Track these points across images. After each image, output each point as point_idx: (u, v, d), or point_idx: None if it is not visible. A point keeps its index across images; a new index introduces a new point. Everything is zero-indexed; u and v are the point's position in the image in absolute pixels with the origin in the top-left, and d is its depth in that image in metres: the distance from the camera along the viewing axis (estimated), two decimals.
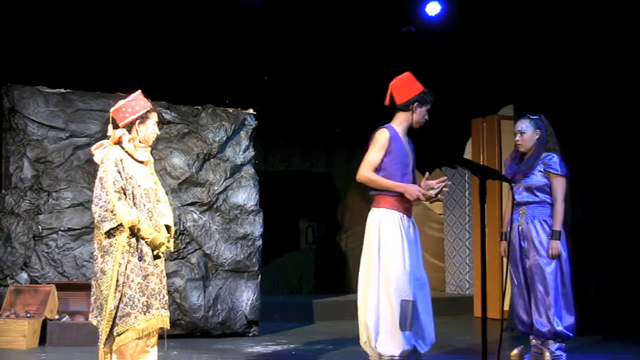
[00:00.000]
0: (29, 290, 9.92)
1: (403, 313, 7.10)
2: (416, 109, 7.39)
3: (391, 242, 7.23)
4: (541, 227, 8.21)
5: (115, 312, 6.31)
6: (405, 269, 7.14)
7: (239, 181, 10.99)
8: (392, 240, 7.23)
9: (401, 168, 7.33)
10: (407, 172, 7.37)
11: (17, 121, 10.26)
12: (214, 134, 10.86)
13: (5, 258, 10.06)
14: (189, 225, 10.56)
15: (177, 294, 10.32)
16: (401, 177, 7.29)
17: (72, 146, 10.38)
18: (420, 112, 7.42)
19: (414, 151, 7.49)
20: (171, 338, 9.69)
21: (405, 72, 7.51)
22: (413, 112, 7.39)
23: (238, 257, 10.76)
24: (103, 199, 6.31)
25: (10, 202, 10.16)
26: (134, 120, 6.60)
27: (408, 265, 7.17)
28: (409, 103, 7.38)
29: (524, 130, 8.34)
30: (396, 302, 7.10)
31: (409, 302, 7.12)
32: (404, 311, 7.10)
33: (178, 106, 10.88)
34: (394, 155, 7.32)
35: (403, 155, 7.36)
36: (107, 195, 6.30)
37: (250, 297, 10.75)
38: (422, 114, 7.44)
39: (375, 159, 7.33)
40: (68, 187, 10.29)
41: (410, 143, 7.49)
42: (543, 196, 8.25)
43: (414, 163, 7.48)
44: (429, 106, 7.46)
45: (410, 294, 7.12)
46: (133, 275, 6.35)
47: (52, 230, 10.16)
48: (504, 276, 12.04)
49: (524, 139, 8.34)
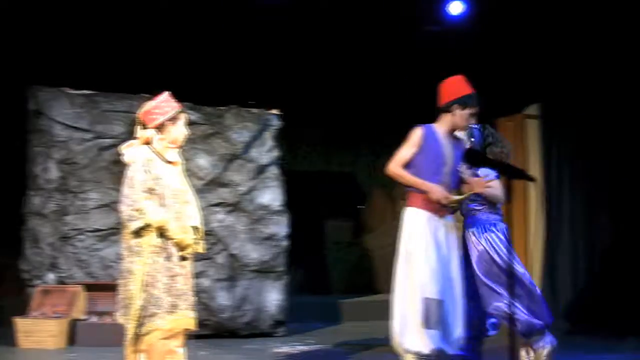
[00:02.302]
0: (57, 290, 9.97)
1: (426, 311, 7.09)
2: (456, 112, 7.33)
3: (416, 241, 7.22)
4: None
5: (141, 312, 6.32)
6: (431, 269, 7.12)
7: (264, 181, 10.99)
8: (417, 239, 7.23)
9: (433, 167, 7.29)
10: (439, 173, 7.30)
11: (42, 123, 10.31)
12: (238, 135, 10.87)
13: (33, 259, 10.11)
14: (214, 226, 10.56)
15: (204, 294, 10.32)
16: (431, 176, 7.25)
17: (98, 147, 10.42)
18: (461, 115, 7.31)
19: (461, 155, 7.37)
20: (199, 338, 9.72)
21: (458, 75, 7.48)
22: (453, 114, 7.34)
23: (264, 258, 10.76)
24: (131, 199, 6.31)
25: (37, 204, 10.21)
26: (165, 121, 6.61)
27: (435, 265, 7.14)
28: (449, 105, 7.35)
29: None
30: (420, 300, 7.10)
31: (433, 301, 7.09)
32: (428, 310, 7.09)
33: (202, 107, 10.89)
34: (426, 154, 7.30)
35: (437, 155, 7.31)
36: (136, 195, 6.30)
37: (277, 297, 10.75)
38: (463, 117, 7.33)
39: (405, 154, 7.32)
40: (94, 188, 10.34)
41: (458, 147, 7.40)
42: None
43: (454, 166, 7.39)
44: (473, 110, 7.37)
45: (435, 293, 7.10)
46: (160, 275, 6.34)
47: (79, 231, 10.20)
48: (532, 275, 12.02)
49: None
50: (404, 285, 7.25)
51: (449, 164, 7.32)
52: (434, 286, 7.08)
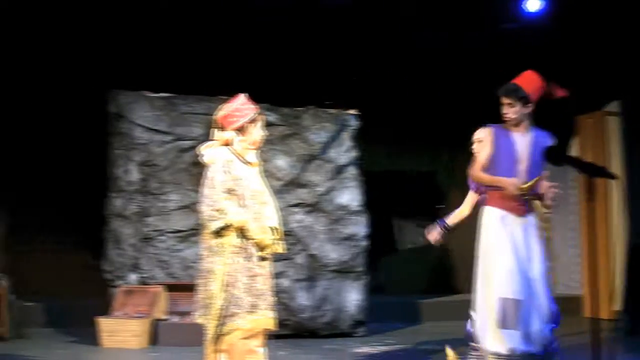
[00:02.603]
0: (139, 291, 10.09)
1: (502, 311, 7.05)
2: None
3: (490, 240, 7.22)
4: None
5: (222, 312, 6.36)
6: (507, 268, 7.09)
7: (343, 182, 10.98)
8: (492, 238, 7.22)
9: (505, 164, 7.24)
10: (512, 169, 7.25)
11: (123, 126, 10.45)
12: (316, 135, 10.89)
13: (115, 260, 10.25)
14: (293, 227, 10.59)
15: (284, 294, 10.36)
16: (504, 172, 7.20)
17: (177, 149, 10.53)
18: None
19: (539, 149, 7.30)
20: (279, 338, 9.75)
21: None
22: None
23: (343, 258, 10.76)
24: (211, 199, 6.35)
25: (118, 205, 10.36)
26: (245, 123, 6.65)
27: (512, 264, 7.10)
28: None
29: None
30: (495, 300, 7.07)
31: (509, 301, 7.05)
32: (503, 309, 7.05)
33: (280, 108, 10.92)
34: (497, 152, 7.27)
35: (509, 153, 7.27)
36: (216, 196, 6.35)
37: (356, 297, 10.74)
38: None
39: (481, 158, 7.33)
40: (174, 189, 10.45)
41: (536, 142, 7.33)
42: None
43: (531, 163, 7.30)
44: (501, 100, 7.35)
45: (511, 293, 7.06)
46: (240, 275, 6.38)
47: (160, 232, 10.32)
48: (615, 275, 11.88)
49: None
50: (481, 285, 7.24)
51: (524, 161, 7.25)
52: (511, 286, 7.04)
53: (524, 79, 7.34)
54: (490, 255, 7.18)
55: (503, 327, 7.02)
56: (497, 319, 7.03)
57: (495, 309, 7.03)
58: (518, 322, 7.03)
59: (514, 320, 7.02)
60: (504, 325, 7.02)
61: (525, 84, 7.30)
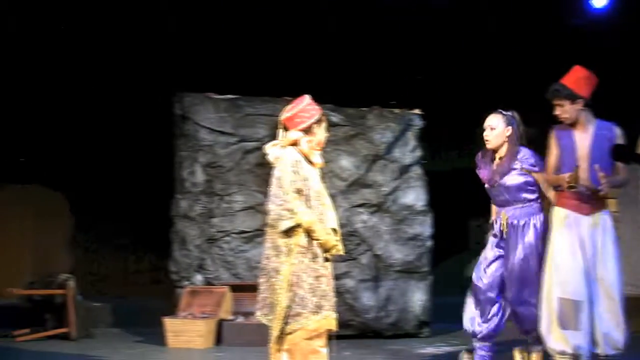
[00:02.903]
0: (204, 291, 10.16)
1: (562, 312, 7.04)
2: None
3: (555, 240, 7.23)
4: (526, 227, 7.68)
5: (287, 312, 6.37)
6: (569, 268, 7.06)
7: (408, 181, 10.94)
8: (556, 238, 7.23)
9: (568, 163, 7.21)
10: (571, 165, 7.20)
11: (188, 127, 10.52)
12: (380, 135, 10.86)
13: (181, 260, 10.33)
14: (358, 227, 10.58)
15: (349, 294, 10.37)
16: (568, 171, 7.17)
17: (242, 150, 10.58)
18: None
19: (602, 143, 7.23)
20: (343, 339, 9.74)
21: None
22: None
23: (408, 258, 10.72)
24: (281, 198, 6.34)
25: (184, 207, 10.44)
26: (312, 123, 6.66)
27: (573, 264, 7.07)
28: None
29: (494, 126, 7.75)
30: (556, 300, 7.06)
31: (569, 301, 7.03)
32: (563, 310, 7.04)
33: (344, 108, 10.92)
34: (561, 152, 7.26)
35: (570, 150, 7.24)
36: (286, 195, 6.33)
37: (421, 298, 10.70)
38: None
39: (550, 161, 7.35)
40: (239, 190, 10.50)
41: (598, 136, 7.26)
42: (525, 195, 7.68)
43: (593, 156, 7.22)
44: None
45: (570, 293, 7.03)
46: (305, 275, 6.38)
47: (225, 233, 10.38)
48: None
49: (494, 135, 7.73)
50: (547, 284, 7.22)
51: (586, 158, 7.17)
52: (571, 286, 7.01)
53: (569, 76, 7.28)
54: (554, 254, 7.17)
55: (563, 328, 7.00)
56: (557, 319, 7.02)
57: (556, 309, 7.03)
58: (578, 323, 6.99)
59: (574, 320, 6.99)
60: (565, 325, 7.00)
61: (570, 81, 7.24)
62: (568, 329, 7.00)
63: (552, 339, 7.10)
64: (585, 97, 7.22)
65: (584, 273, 7.05)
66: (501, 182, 7.67)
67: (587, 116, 7.28)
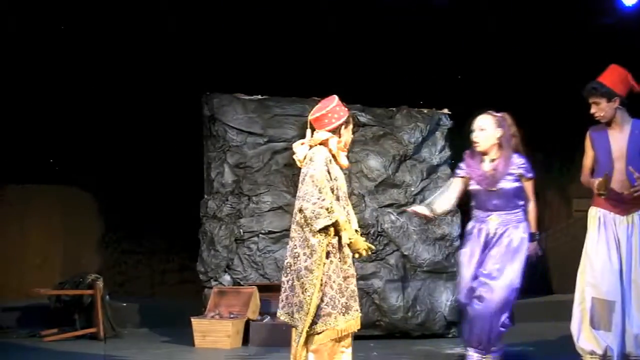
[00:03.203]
0: (232, 291, 10.17)
1: (594, 312, 7.05)
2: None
3: (589, 239, 7.27)
4: (515, 233, 7.58)
5: (316, 312, 6.37)
6: (603, 268, 7.05)
7: (436, 182, 10.91)
8: (590, 238, 7.26)
9: (603, 164, 7.21)
10: (610, 167, 7.17)
11: (217, 128, 10.54)
12: (409, 135, 10.84)
13: (209, 261, 10.35)
14: (386, 227, 10.57)
15: (376, 295, 10.35)
16: (603, 172, 7.14)
17: (270, 151, 10.59)
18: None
19: (636, 142, 7.19)
20: (370, 339, 9.77)
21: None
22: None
23: (436, 258, 10.69)
24: (316, 196, 6.32)
25: (212, 207, 10.45)
26: (341, 125, 6.66)
27: (607, 265, 7.05)
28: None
29: (483, 127, 7.66)
30: (589, 300, 7.10)
31: (602, 301, 7.02)
32: (595, 310, 7.04)
33: (373, 108, 10.92)
34: (596, 153, 7.26)
35: (605, 150, 7.21)
36: (321, 193, 6.31)
37: (449, 298, 10.65)
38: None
39: (585, 162, 7.43)
40: (267, 191, 10.51)
41: (634, 135, 7.21)
42: (517, 201, 7.64)
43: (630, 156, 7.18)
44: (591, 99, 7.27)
45: (604, 293, 7.01)
46: (335, 276, 6.38)
47: (253, 233, 10.39)
48: None
49: (484, 136, 7.64)
50: (580, 284, 7.26)
51: (622, 158, 7.13)
52: (604, 286, 6.99)
53: (606, 75, 7.26)
54: (588, 254, 7.18)
55: (595, 328, 6.99)
56: (590, 318, 7.00)
57: (588, 309, 7.01)
58: (610, 323, 6.96)
59: (606, 321, 6.96)
60: (596, 325, 6.99)
61: (607, 80, 7.21)
62: (599, 329, 6.99)
63: (583, 338, 7.11)
64: (622, 96, 7.19)
65: (618, 273, 7.03)
66: (497, 187, 7.57)
67: (622, 115, 7.25)
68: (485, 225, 7.65)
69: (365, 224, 10.24)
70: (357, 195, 10.45)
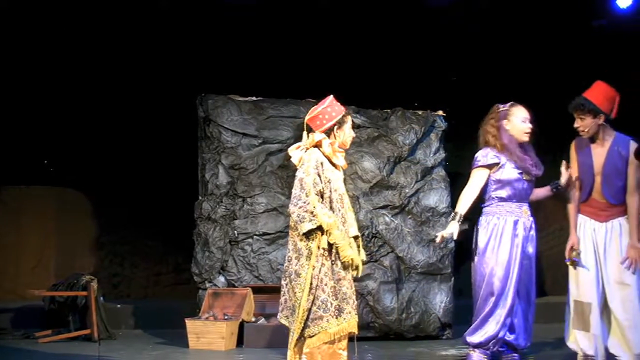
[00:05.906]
0: (227, 293, 10.17)
1: (574, 313, 7.39)
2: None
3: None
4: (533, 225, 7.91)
5: (307, 315, 6.38)
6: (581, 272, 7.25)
7: (430, 183, 10.92)
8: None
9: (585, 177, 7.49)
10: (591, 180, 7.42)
11: (211, 130, 10.54)
12: (404, 137, 10.84)
13: (204, 262, 10.34)
14: (381, 229, 10.57)
15: (370, 296, 10.36)
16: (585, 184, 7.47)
17: (265, 152, 10.59)
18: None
19: (616, 158, 7.31)
20: (364, 340, 9.76)
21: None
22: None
23: (431, 260, 10.69)
24: (302, 200, 6.34)
25: (207, 208, 10.45)
26: (333, 125, 6.67)
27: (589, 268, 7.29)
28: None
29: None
30: (572, 302, 7.46)
31: (580, 303, 7.34)
32: (576, 312, 7.38)
33: (367, 110, 10.92)
34: (579, 167, 7.46)
35: (587, 164, 7.42)
36: (308, 197, 6.33)
37: (443, 300, 10.66)
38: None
39: (572, 171, 7.57)
40: (262, 192, 10.50)
41: (612, 151, 7.33)
42: None
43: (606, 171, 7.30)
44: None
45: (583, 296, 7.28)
46: (326, 279, 6.39)
47: (248, 234, 10.39)
48: None
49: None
50: (570, 287, 7.54)
51: (600, 173, 7.30)
52: (582, 288, 7.23)
53: (593, 91, 7.38)
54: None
55: (575, 328, 7.28)
56: (572, 320, 7.27)
57: (571, 311, 7.29)
58: (588, 325, 7.20)
59: (584, 322, 7.21)
60: (577, 326, 7.24)
61: (593, 96, 7.32)
62: (580, 329, 7.27)
63: (570, 340, 7.41)
64: (607, 114, 7.31)
65: (595, 277, 7.25)
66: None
67: (605, 130, 7.41)
68: (520, 219, 7.78)
69: (360, 226, 10.18)
70: (352, 197, 10.44)
